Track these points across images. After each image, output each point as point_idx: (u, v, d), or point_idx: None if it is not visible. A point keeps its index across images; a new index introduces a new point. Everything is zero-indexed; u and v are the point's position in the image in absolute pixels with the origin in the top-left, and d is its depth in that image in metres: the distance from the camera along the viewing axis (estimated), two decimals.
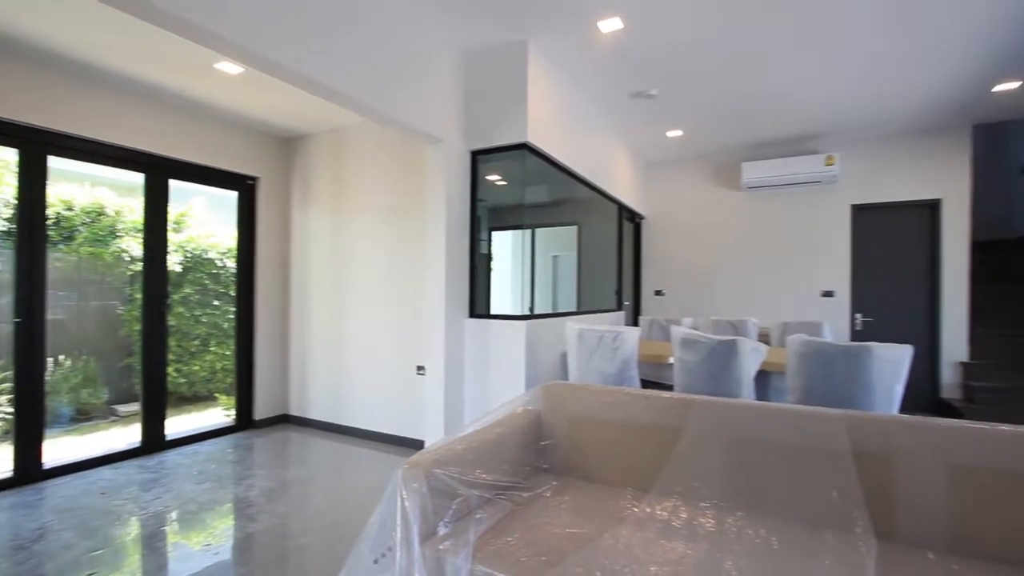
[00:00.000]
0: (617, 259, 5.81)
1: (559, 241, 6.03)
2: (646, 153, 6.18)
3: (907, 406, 4.91)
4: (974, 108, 4.64)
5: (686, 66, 3.80)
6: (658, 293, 6.55)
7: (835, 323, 5.43)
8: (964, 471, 1.54)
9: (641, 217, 6.57)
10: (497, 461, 1.85)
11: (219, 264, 4.84)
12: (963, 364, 5.03)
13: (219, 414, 4.79)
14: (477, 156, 3.69)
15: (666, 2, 2.99)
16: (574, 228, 5.72)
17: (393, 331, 4.29)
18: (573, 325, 3.45)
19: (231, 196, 4.69)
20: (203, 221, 4.89)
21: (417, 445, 4.05)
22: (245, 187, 4.73)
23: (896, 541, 1.55)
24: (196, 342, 4.69)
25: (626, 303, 6.19)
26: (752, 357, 2.74)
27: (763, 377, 3.32)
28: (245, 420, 4.67)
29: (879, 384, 2.44)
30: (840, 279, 5.56)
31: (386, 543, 1.50)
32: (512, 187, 3.98)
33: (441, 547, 1.48)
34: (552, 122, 3.85)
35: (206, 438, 4.31)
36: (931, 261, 5.25)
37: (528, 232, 5.62)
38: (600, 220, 5.56)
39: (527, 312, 3.81)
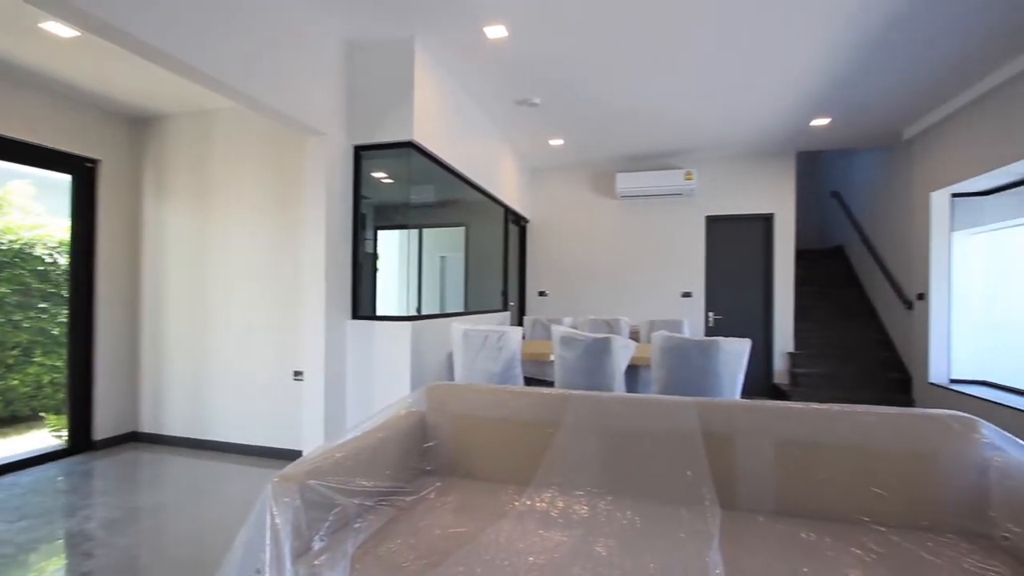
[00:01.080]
0: (503, 260, 5.95)
1: (447, 242, 6.03)
2: (531, 159, 6.41)
3: (748, 391, 5.65)
4: (797, 138, 5.50)
5: (566, 79, 4.02)
6: (542, 294, 6.83)
7: (693, 320, 6.09)
8: (787, 444, 1.83)
9: (526, 220, 6.80)
10: (379, 466, 1.80)
11: (48, 260, 4.10)
12: (790, 354, 5.92)
13: (47, 437, 4.06)
14: (361, 152, 3.56)
15: (547, 16, 3.14)
16: (462, 229, 5.76)
17: (268, 335, 3.97)
18: (458, 325, 3.47)
19: (65, 180, 4.00)
20: (26, 209, 4.12)
21: (295, 456, 3.80)
22: (82, 170, 4.06)
23: (737, 509, 1.79)
24: (15, 352, 3.93)
25: (512, 303, 6.37)
26: (623, 353, 2.98)
27: (633, 371, 3.62)
28: (81, 442, 4.01)
29: (725, 373, 2.80)
30: (697, 281, 6.25)
31: (254, 565, 1.40)
32: (399, 185, 3.90)
33: (316, 562, 1.42)
34: (440, 123, 3.84)
35: (28, 466, 3.63)
36: (766, 266, 6.12)
37: (416, 232, 5.54)
38: (487, 222, 5.67)
39: (414, 313, 3.76)
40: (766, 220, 6.12)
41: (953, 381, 4.83)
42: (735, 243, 6.23)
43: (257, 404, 3.98)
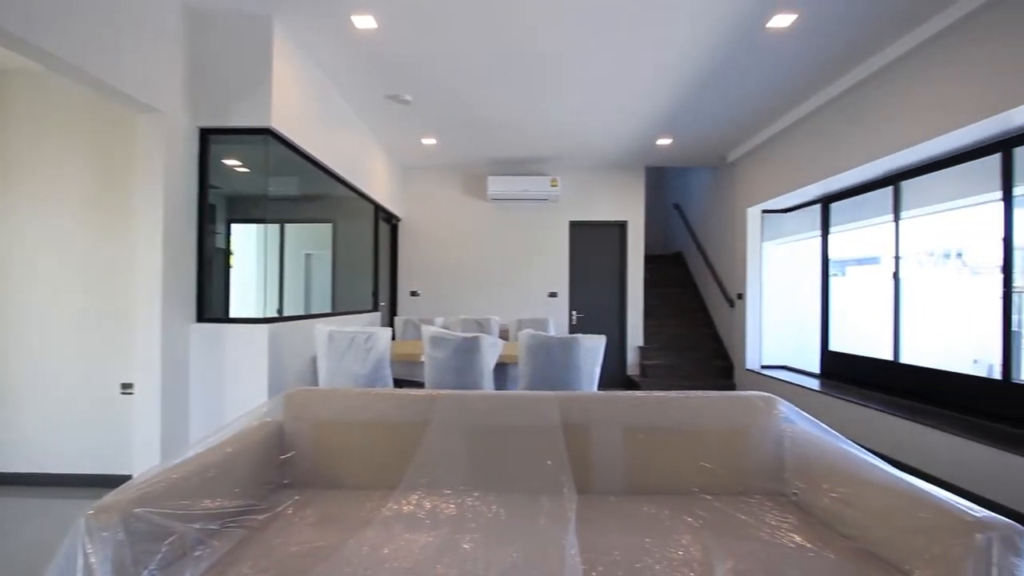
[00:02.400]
0: (374, 259, 5.75)
1: (313, 238, 5.64)
2: (403, 157, 6.29)
3: (606, 383, 6.10)
4: (646, 154, 6.13)
5: (437, 79, 4.02)
6: (414, 294, 6.73)
7: (558, 319, 6.48)
8: (634, 430, 2.03)
9: (398, 219, 6.65)
10: (227, 484, 1.64)
11: None
12: (640, 348, 6.58)
13: None
14: (209, 135, 3.19)
15: (415, 12, 3.11)
16: (329, 226, 5.43)
17: (87, 343, 3.35)
18: (323, 327, 3.29)
19: None
20: None
21: (123, 482, 3.26)
22: None
23: (592, 493, 1.94)
24: None
25: (383, 303, 6.18)
26: (491, 351, 3.06)
27: (502, 368, 3.73)
28: None
29: (584, 368, 3.02)
30: (562, 282, 6.65)
31: None
32: (256, 176, 3.56)
33: None
34: (303, 111, 3.59)
35: None
36: (621, 269, 6.73)
37: (277, 227, 5.10)
38: (357, 219, 5.43)
39: (275, 314, 3.47)
40: (621, 227, 6.73)
41: (763, 367, 5.76)
42: (595, 247, 6.75)
43: (75, 425, 3.33)
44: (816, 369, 5.21)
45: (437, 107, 4.63)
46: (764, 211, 5.77)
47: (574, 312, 6.68)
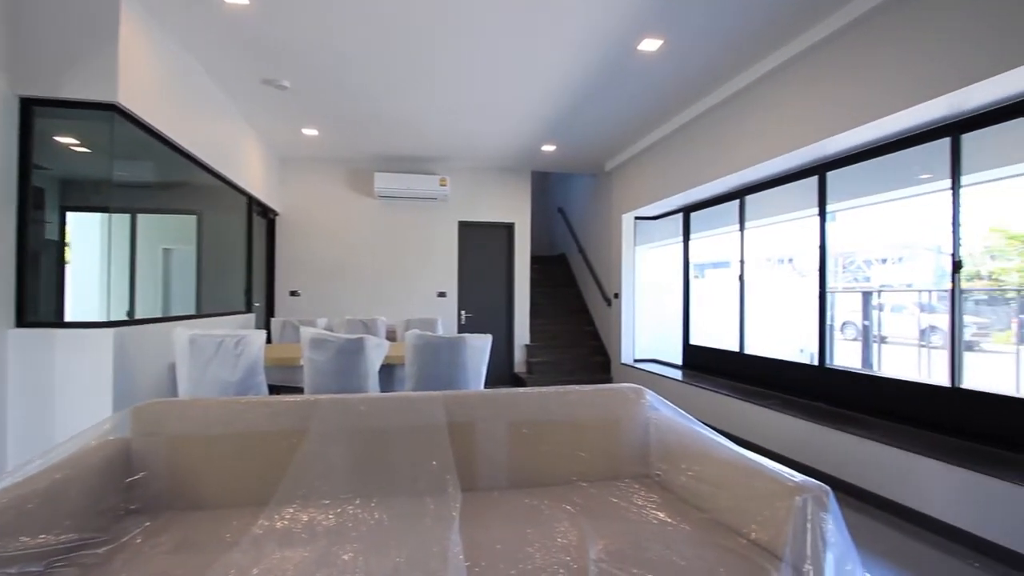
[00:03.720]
0: (247, 256, 5.29)
1: (173, 231, 5.01)
2: (281, 147, 5.86)
3: (494, 381, 6.21)
4: (532, 159, 6.36)
5: (319, 66, 3.81)
6: (293, 294, 6.31)
7: (447, 319, 6.47)
8: (517, 426, 2.10)
9: (275, 213, 6.18)
10: (54, 516, 1.41)
11: None
12: (527, 346, 6.81)
13: None
14: (34, 106, 2.71)
15: None
16: (194, 218, 4.87)
17: None
18: (183, 331, 2.95)
19: None
20: None
21: None
22: None
23: (477, 490, 1.97)
24: None
25: (257, 304, 5.70)
26: (376, 353, 2.98)
27: (389, 370, 3.65)
28: None
29: (471, 366, 3.06)
30: (451, 282, 6.65)
31: None
32: (99, 158, 3.09)
33: None
34: (163, 90, 3.20)
35: None
36: (508, 269, 6.90)
37: (127, 217, 4.45)
38: (226, 212, 4.95)
39: (124, 317, 3.04)
40: (508, 228, 6.90)
41: (636, 360, 6.27)
42: (484, 247, 6.85)
43: None
44: (679, 361, 5.79)
45: (319, 96, 4.38)
46: (637, 217, 6.29)
47: (463, 312, 6.72)
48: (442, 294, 6.62)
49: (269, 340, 5.01)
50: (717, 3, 2.95)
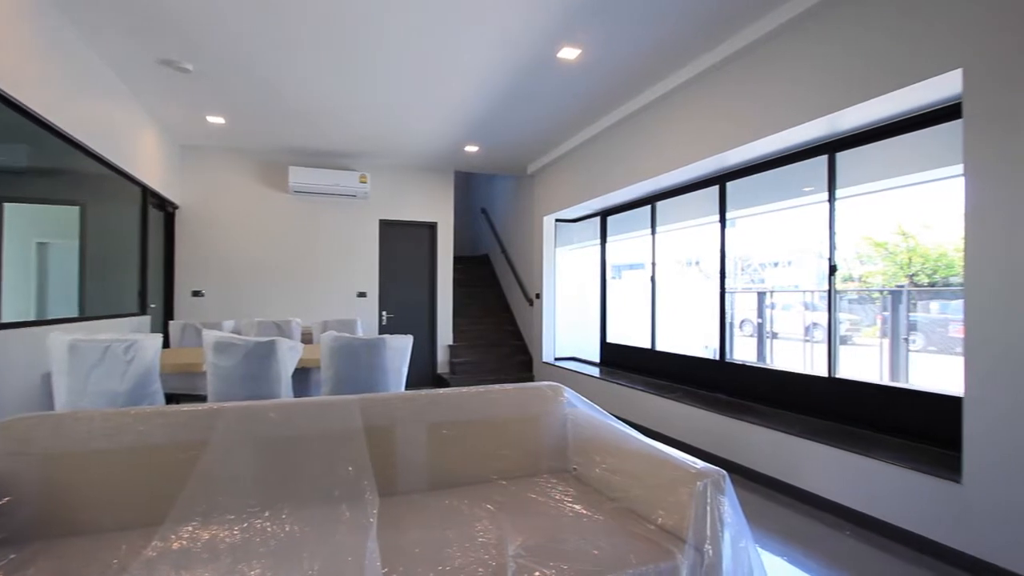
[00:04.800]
0: (141, 253, 4.82)
1: (50, 224, 4.43)
2: (182, 135, 5.40)
3: (417, 382, 6.13)
4: (455, 159, 6.34)
5: (227, 49, 3.55)
6: (196, 294, 5.83)
7: (367, 319, 6.28)
8: (438, 427, 2.09)
9: (175, 206, 5.68)
10: None
11: None
12: (450, 346, 6.77)
13: None
14: None
15: None
16: (76, 209, 4.35)
17: None
18: (61, 336, 2.63)
19: None
20: None
21: None
22: None
23: (396, 495, 1.94)
24: None
25: (153, 306, 5.20)
26: (290, 356, 2.83)
27: (304, 373, 3.48)
28: None
29: (391, 368, 3.00)
30: (371, 282, 6.47)
31: None
32: None
33: None
34: (32, 62, 2.83)
35: None
36: (431, 269, 6.83)
37: None
38: (116, 203, 4.47)
39: None
40: (431, 228, 6.83)
41: (557, 359, 6.44)
42: (406, 247, 6.72)
43: None
44: (597, 359, 6.03)
45: (228, 82, 4.08)
46: (557, 220, 6.47)
47: (384, 312, 6.55)
48: (362, 294, 6.42)
49: (167, 344, 4.60)
50: (629, 20, 3.11)
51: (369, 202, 6.43)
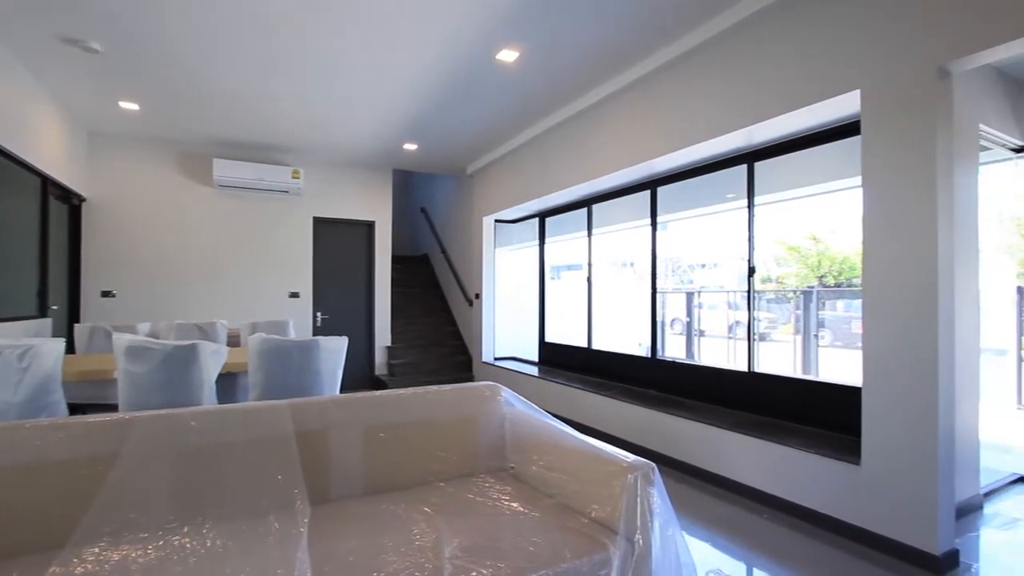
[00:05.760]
0: (40, 249, 4.37)
1: None
2: (90, 120, 4.95)
3: (354, 385, 5.97)
4: (394, 156, 6.22)
5: (140, 30, 3.29)
6: (107, 295, 5.37)
7: (301, 321, 6.03)
8: (374, 430, 2.05)
9: (81, 199, 5.20)
10: None
11: None
12: (388, 347, 6.64)
13: None
14: None
15: None
16: None
17: None
18: None
19: None
20: None
21: None
22: None
23: (329, 502, 1.88)
24: None
25: (55, 307, 4.73)
26: (213, 360, 2.67)
27: (230, 378, 3.30)
28: None
29: (325, 371, 2.90)
30: (305, 281, 6.22)
31: None
32: None
33: None
34: None
35: None
36: (368, 269, 6.66)
37: None
38: (9, 194, 4.02)
39: None
40: (368, 226, 6.66)
41: (496, 359, 6.47)
42: (342, 246, 6.52)
43: None
44: (536, 358, 6.12)
45: (141, 65, 3.78)
46: (497, 220, 6.50)
47: (319, 313, 6.31)
48: (295, 295, 6.15)
49: (73, 350, 4.20)
50: (565, 26, 3.18)
51: (303, 198, 6.17)
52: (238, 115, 4.81)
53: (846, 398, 2.91)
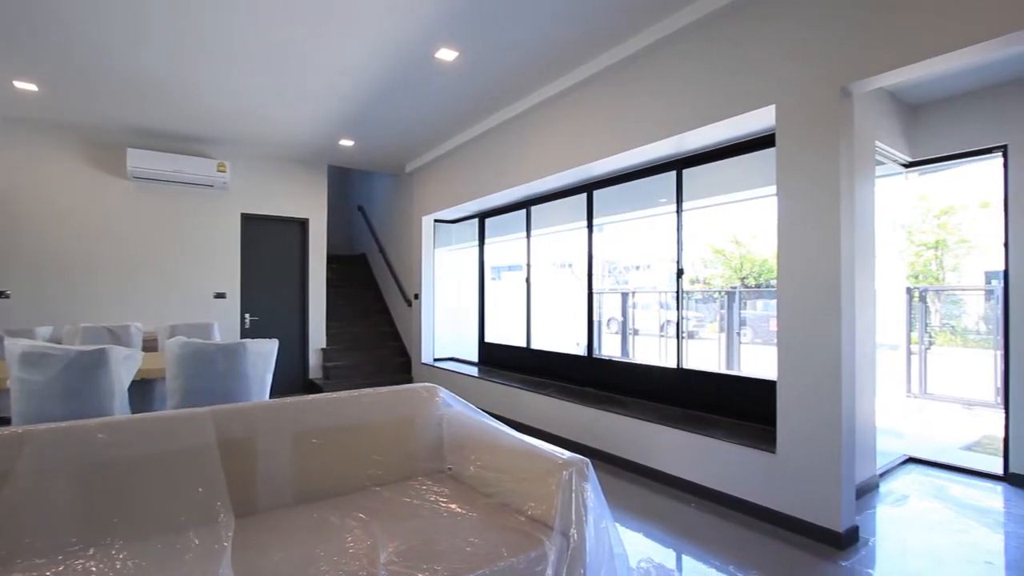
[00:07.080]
0: None
1: None
2: None
3: (286, 389, 5.73)
4: (329, 152, 6.01)
5: (35, 1, 2.98)
6: (1, 295, 4.82)
7: (227, 323, 5.69)
8: (305, 436, 1.97)
9: None
10: None
11: None
12: (323, 350, 6.41)
13: None
14: None
15: None
16: None
17: None
18: None
19: None
20: None
21: None
22: None
23: (256, 514, 1.79)
24: None
25: None
26: (126, 366, 2.48)
27: (147, 385, 3.09)
28: None
29: (254, 375, 2.76)
30: (232, 281, 5.87)
31: None
32: None
33: None
34: None
35: None
36: (302, 269, 6.40)
37: None
38: None
39: None
40: (302, 224, 6.39)
41: (436, 360, 6.41)
42: (273, 244, 6.21)
43: None
44: (476, 358, 6.11)
45: (38, 39, 3.41)
46: (436, 220, 6.43)
47: (248, 315, 5.99)
48: (221, 295, 5.79)
49: None
50: (501, 30, 3.21)
51: (229, 193, 5.83)
52: (155, 103, 4.47)
53: (764, 391, 3.13)
